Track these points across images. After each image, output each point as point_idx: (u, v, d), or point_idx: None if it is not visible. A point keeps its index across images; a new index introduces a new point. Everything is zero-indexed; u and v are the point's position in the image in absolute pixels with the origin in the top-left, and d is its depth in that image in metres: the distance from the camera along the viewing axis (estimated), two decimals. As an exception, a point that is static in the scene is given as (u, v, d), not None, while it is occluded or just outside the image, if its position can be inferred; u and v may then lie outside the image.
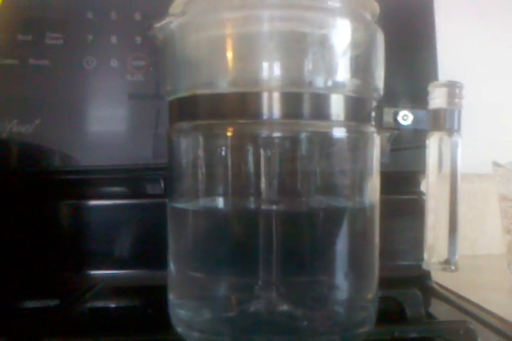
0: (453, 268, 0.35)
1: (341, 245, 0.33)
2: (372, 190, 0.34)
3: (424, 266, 0.36)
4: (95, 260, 0.53)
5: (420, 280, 0.55)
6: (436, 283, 0.57)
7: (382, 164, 0.35)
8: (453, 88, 0.35)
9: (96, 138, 0.52)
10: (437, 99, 0.35)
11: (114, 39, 0.52)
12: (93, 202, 0.53)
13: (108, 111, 0.52)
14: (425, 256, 0.36)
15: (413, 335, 0.36)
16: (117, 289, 0.48)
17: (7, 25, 0.51)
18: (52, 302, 0.44)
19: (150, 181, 0.54)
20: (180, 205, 0.34)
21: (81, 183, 0.53)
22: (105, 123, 0.52)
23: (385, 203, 0.36)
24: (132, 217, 0.53)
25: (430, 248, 0.36)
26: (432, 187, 0.36)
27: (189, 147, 0.33)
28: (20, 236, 0.52)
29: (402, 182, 0.57)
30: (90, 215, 0.53)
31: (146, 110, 0.52)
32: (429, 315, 0.45)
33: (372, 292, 0.35)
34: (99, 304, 0.44)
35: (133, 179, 0.55)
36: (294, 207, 0.32)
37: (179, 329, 0.34)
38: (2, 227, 0.51)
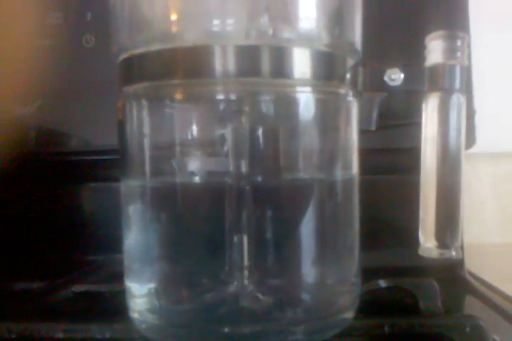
0: (453, 254, 0.30)
1: (310, 225, 0.28)
2: (346, 161, 0.29)
3: (420, 252, 0.31)
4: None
5: (451, 270, 0.49)
6: (471, 274, 0.51)
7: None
8: (453, 39, 0.29)
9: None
10: (434, 53, 0.30)
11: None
12: (92, 185, 0.51)
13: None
14: (421, 239, 0.31)
15: (407, 330, 0.31)
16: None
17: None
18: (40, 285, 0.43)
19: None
20: (135, 183, 0.30)
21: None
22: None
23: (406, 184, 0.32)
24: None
25: (426, 230, 0.30)
26: (430, 162, 0.31)
27: (137, 115, 0.29)
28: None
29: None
30: (93, 199, 0.52)
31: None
32: (451, 311, 0.39)
33: (352, 275, 0.30)
34: (90, 288, 0.42)
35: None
36: (248, 181, 0.27)
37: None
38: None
